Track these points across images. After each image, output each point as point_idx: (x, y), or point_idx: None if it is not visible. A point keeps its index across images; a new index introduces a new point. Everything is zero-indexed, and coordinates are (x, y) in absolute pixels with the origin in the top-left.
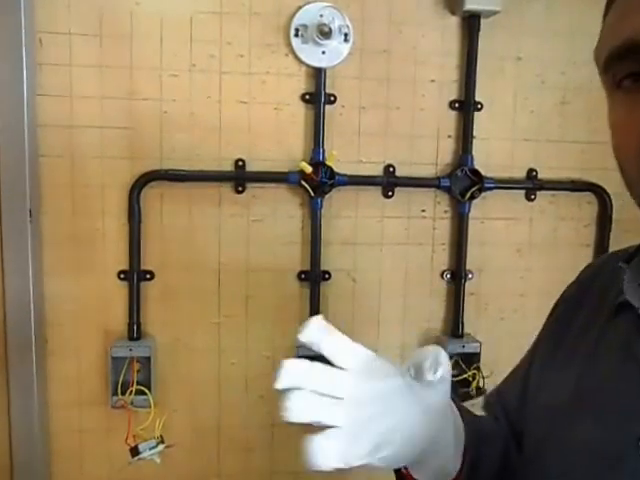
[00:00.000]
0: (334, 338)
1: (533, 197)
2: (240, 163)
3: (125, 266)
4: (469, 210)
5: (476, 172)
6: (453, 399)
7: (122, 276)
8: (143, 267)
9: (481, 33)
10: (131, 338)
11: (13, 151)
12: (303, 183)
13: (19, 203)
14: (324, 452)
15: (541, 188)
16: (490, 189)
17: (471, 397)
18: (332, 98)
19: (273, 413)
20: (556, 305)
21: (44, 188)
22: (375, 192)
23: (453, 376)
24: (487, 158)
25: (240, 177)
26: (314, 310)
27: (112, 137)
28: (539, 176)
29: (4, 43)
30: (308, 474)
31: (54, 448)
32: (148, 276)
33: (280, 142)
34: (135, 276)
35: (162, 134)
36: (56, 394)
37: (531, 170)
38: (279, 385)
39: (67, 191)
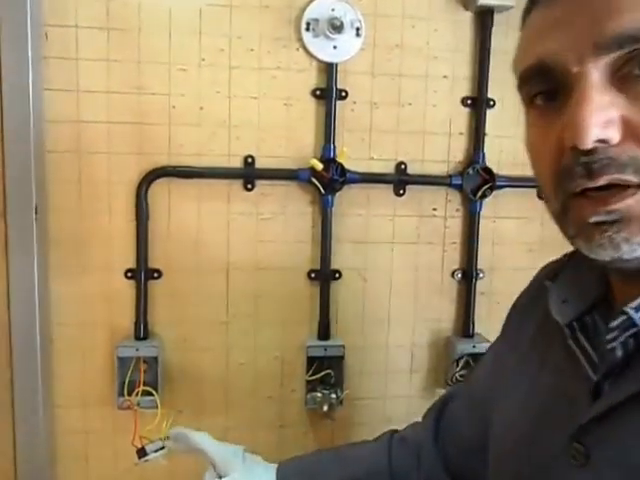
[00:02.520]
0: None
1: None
2: (249, 160)
3: (132, 264)
4: (480, 209)
5: (488, 170)
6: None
7: (129, 274)
8: (150, 265)
9: (494, 29)
10: (138, 338)
11: (19, 147)
12: (313, 180)
13: (25, 200)
14: None
15: None
16: (502, 187)
17: None
18: (343, 94)
19: (281, 414)
20: (509, 314)
21: (50, 184)
22: (386, 190)
23: (463, 377)
24: (499, 156)
25: (249, 174)
26: (324, 309)
27: (119, 132)
28: None
29: (10, 37)
30: None
31: (59, 449)
32: (155, 275)
33: (290, 138)
34: (142, 275)
35: (170, 129)
36: (61, 394)
37: None
38: None
39: (73, 188)
